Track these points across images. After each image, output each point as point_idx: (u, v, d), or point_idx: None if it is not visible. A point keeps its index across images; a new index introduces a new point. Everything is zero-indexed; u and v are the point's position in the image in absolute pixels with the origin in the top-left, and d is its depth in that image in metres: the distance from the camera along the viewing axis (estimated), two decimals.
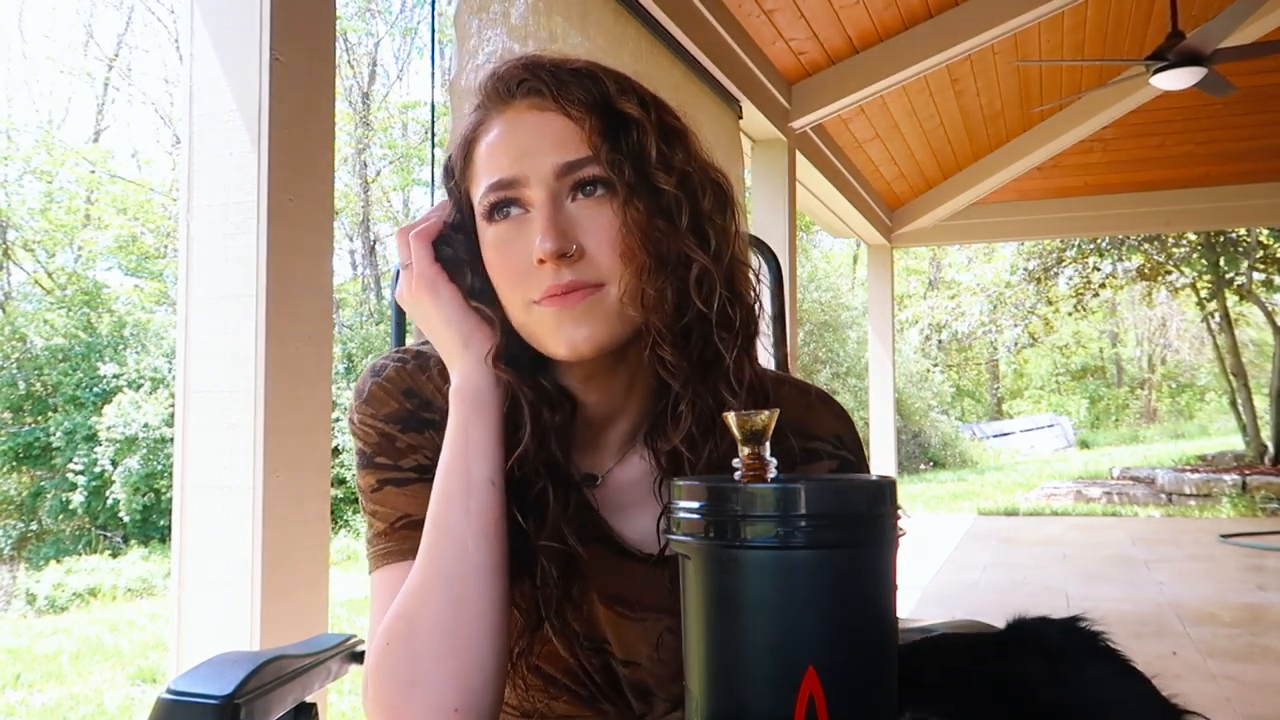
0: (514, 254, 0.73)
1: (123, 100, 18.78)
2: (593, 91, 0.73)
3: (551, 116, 0.73)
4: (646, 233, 0.71)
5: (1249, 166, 6.56)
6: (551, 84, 0.73)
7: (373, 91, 15.64)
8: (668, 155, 0.74)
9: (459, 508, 0.71)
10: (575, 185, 0.72)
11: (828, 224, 6.69)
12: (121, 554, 9.15)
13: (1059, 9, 4.21)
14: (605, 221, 0.72)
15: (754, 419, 0.53)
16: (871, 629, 0.51)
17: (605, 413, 0.80)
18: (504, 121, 0.75)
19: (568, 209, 0.72)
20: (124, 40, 16.66)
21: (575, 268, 0.71)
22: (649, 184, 0.72)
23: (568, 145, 0.72)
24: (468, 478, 0.71)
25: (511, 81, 0.75)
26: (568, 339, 0.71)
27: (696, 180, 0.75)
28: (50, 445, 10.32)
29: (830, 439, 0.82)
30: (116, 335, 11.24)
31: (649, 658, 0.80)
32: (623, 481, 0.82)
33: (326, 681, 0.90)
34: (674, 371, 0.74)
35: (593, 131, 0.72)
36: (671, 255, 0.72)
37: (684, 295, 0.73)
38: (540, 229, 0.70)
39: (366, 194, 15.00)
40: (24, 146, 13.22)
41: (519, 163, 0.72)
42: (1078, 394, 21.60)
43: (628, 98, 0.74)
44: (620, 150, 0.72)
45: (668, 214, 0.73)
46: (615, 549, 0.80)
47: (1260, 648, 3.50)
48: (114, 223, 12.87)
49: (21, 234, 12.84)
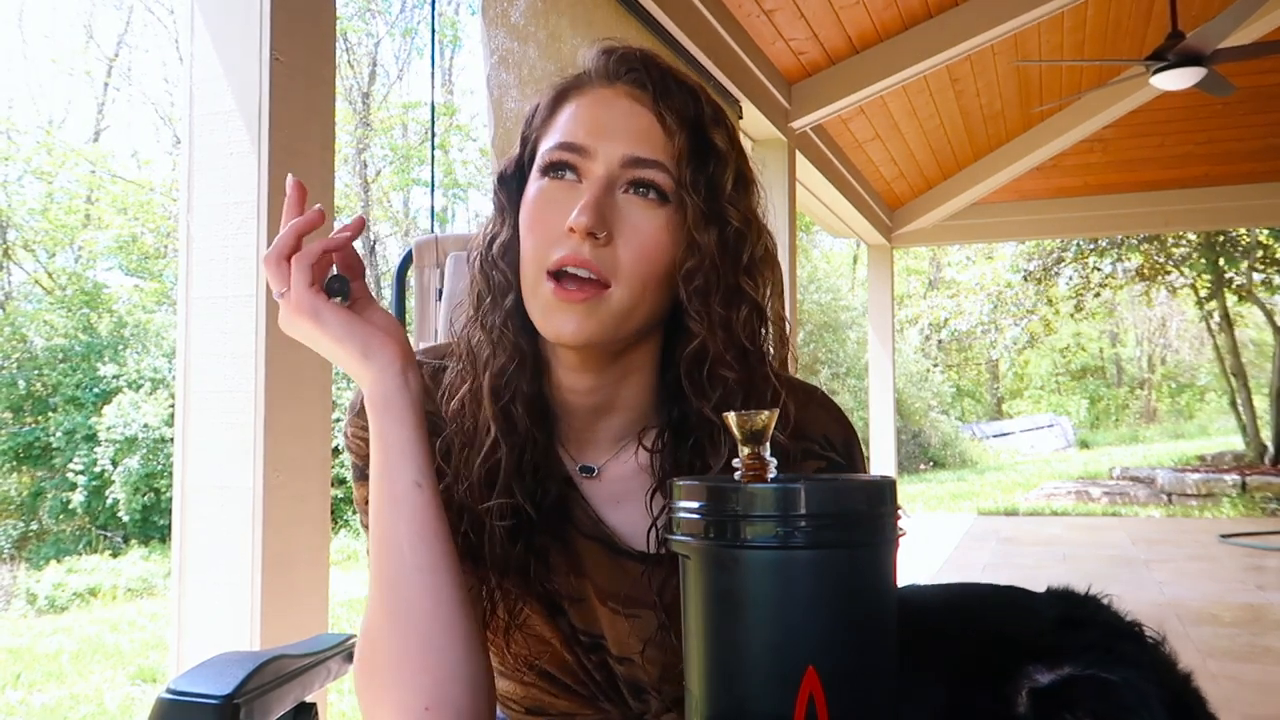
0: (551, 214, 0.74)
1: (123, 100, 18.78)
2: (691, 109, 0.76)
3: (643, 112, 0.75)
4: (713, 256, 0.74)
5: (1249, 166, 6.56)
6: (658, 83, 0.75)
7: (373, 91, 15.63)
8: (739, 196, 0.77)
9: (390, 516, 0.71)
10: (634, 181, 0.74)
11: (828, 224, 6.69)
12: (121, 554, 9.15)
13: (1059, 9, 4.21)
14: (645, 225, 0.73)
15: (754, 419, 0.53)
16: (871, 629, 0.51)
17: (597, 404, 0.80)
18: (597, 96, 0.76)
19: (616, 197, 0.74)
20: (124, 40, 16.63)
21: (596, 252, 0.72)
22: (720, 215, 0.75)
23: (646, 142, 0.74)
24: (393, 485, 0.71)
25: (621, 65, 0.77)
26: (556, 326, 0.73)
27: (756, 228, 0.78)
28: (50, 445, 10.31)
29: (819, 439, 0.82)
30: (117, 335, 11.23)
31: (642, 655, 0.81)
32: (616, 475, 0.82)
33: (326, 681, 0.90)
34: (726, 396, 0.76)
35: (680, 147, 0.74)
36: (730, 286, 0.75)
37: (732, 327, 0.75)
38: (583, 201, 0.72)
39: (366, 194, 14.99)
40: (24, 146, 13.21)
41: (594, 136, 0.74)
42: (1078, 394, 21.59)
43: (720, 130, 0.77)
44: (701, 174, 0.74)
45: (728, 247, 0.75)
46: (611, 547, 0.80)
47: (1260, 648, 3.50)
48: (114, 223, 12.86)
49: (22, 234, 12.84)
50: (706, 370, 0.76)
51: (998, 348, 15.71)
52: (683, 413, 0.78)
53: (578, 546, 0.80)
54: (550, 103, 0.79)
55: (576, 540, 0.80)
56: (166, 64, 16.57)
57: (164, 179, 13.91)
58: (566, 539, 0.80)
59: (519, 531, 0.78)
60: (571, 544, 0.80)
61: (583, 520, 0.81)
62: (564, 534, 0.80)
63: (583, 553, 0.80)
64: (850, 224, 6.59)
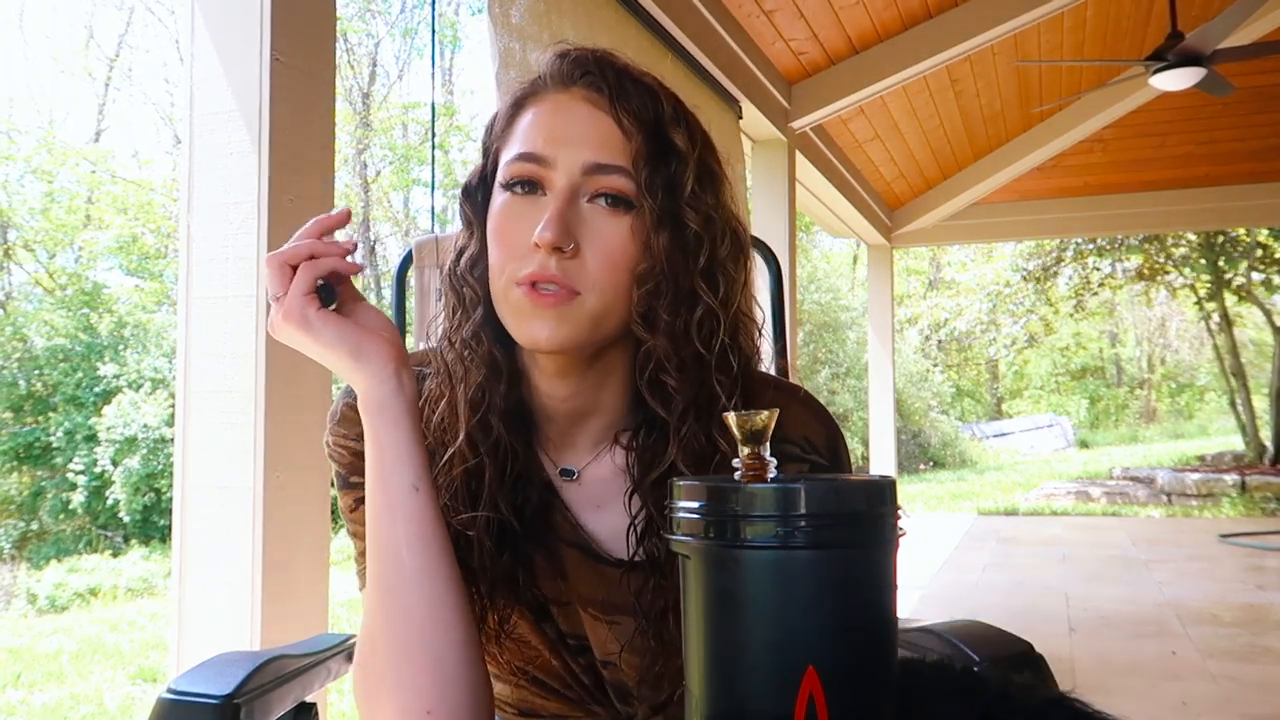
0: (517, 230, 0.73)
1: (123, 100, 18.79)
2: (649, 109, 0.74)
3: (601, 116, 0.74)
4: (663, 262, 0.73)
5: (1249, 166, 6.57)
6: (614, 85, 0.74)
7: (373, 92, 15.64)
8: (699, 195, 0.75)
9: (386, 519, 0.71)
10: (597, 190, 0.73)
11: (828, 224, 6.69)
12: (122, 554, 9.15)
13: (1059, 9, 4.21)
14: (610, 233, 0.73)
15: (754, 419, 0.53)
16: (871, 629, 0.51)
17: (576, 409, 0.80)
18: (554, 103, 0.75)
19: (580, 207, 0.73)
20: (124, 40, 16.66)
21: (563, 265, 0.71)
22: (676, 217, 0.74)
23: (605, 148, 0.73)
24: (388, 488, 0.71)
25: (575, 69, 0.75)
26: (530, 332, 0.72)
27: (719, 226, 0.77)
28: (50, 445, 10.32)
29: (799, 441, 0.80)
30: (117, 335, 11.23)
31: (624, 660, 0.81)
32: (596, 478, 0.82)
33: (326, 681, 0.90)
34: (668, 402, 0.75)
35: (637, 149, 0.73)
36: (683, 290, 0.74)
37: (685, 332, 0.74)
38: (547, 216, 0.71)
39: (367, 194, 15.00)
40: (25, 146, 13.21)
41: (553, 145, 0.73)
42: (1077, 394, 21.59)
43: (679, 128, 0.75)
44: (658, 175, 0.73)
45: (685, 249, 0.74)
46: (589, 553, 0.80)
47: (1260, 648, 3.50)
48: (114, 223, 12.86)
49: (22, 234, 12.84)
50: (649, 376, 0.75)
51: (997, 347, 15.71)
52: (647, 414, 0.78)
53: (560, 552, 0.80)
54: (508, 111, 0.78)
55: (558, 546, 0.80)
56: (166, 64, 16.59)
57: (164, 179, 13.92)
58: (550, 545, 0.80)
59: (504, 542, 0.78)
60: (554, 550, 0.80)
61: (563, 526, 0.80)
62: (547, 540, 0.80)
63: (564, 558, 0.80)
64: (850, 224, 6.59)
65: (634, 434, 0.79)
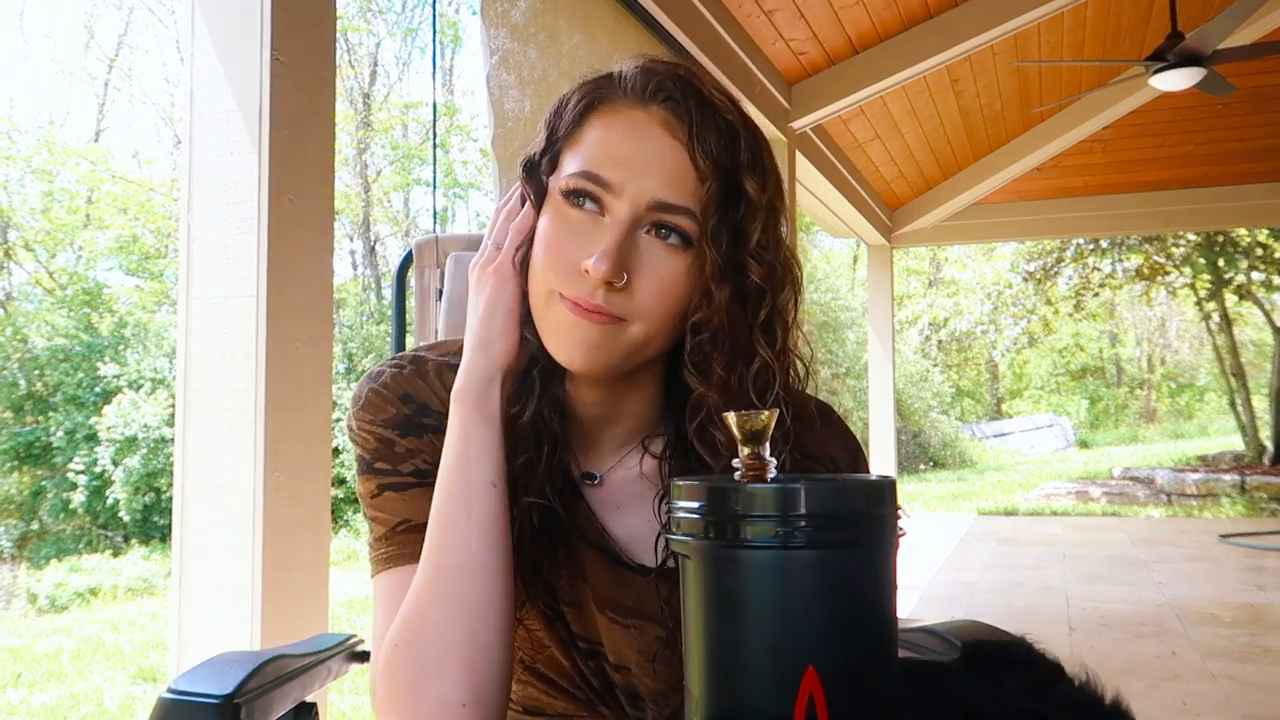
0: (569, 245, 0.72)
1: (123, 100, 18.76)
2: (728, 152, 0.72)
3: (676, 148, 0.71)
4: (723, 314, 0.72)
5: (1249, 167, 6.56)
6: (695, 117, 0.71)
7: (373, 92, 15.63)
8: (765, 245, 0.74)
9: (461, 509, 0.71)
10: (658, 223, 0.71)
11: (828, 224, 6.69)
12: (122, 553, 9.15)
13: (1059, 9, 4.21)
14: (665, 269, 0.71)
15: (754, 419, 0.53)
16: (871, 628, 0.51)
17: (602, 414, 0.81)
18: (629, 121, 0.72)
19: (638, 239, 0.71)
20: (124, 40, 16.65)
21: (611, 297, 0.70)
22: (739, 267, 0.72)
23: (675, 185, 0.71)
24: (469, 480, 0.71)
25: (658, 88, 0.72)
26: (568, 349, 0.72)
27: (780, 275, 0.75)
28: (51, 445, 10.32)
29: (825, 461, 0.81)
30: (117, 335, 11.23)
31: (638, 665, 0.80)
32: (618, 482, 0.82)
33: (326, 681, 0.90)
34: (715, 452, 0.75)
35: (709, 192, 0.71)
36: (740, 344, 0.73)
37: (740, 385, 0.74)
38: (603, 247, 0.69)
39: (367, 194, 14.99)
40: (25, 146, 13.21)
41: (621, 171, 0.71)
42: (1077, 394, 21.58)
43: (755, 174, 0.73)
44: (725, 224, 0.71)
45: (745, 302, 0.73)
46: (609, 555, 0.80)
47: (1260, 648, 3.50)
48: (114, 223, 12.86)
49: (22, 234, 12.83)
50: (698, 424, 0.75)
51: (998, 347, 15.71)
52: (677, 423, 0.78)
53: (579, 553, 0.80)
54: (579, 106, 0.75)
55: (578, 546, 0.80)
56: (166, 64, 16.58)
57: (164, 179, 13.91)
58: (569, 544, 0.80)
59: (529, 534, 0.78)
60: (574, 550, 0.80)
61: (585, 526, 0.80)
62: (567, 539, 0.80)
63: (583, 559, 0.80)
64: (850, 224, 6.59)
65: (666, 442, 0.80)
